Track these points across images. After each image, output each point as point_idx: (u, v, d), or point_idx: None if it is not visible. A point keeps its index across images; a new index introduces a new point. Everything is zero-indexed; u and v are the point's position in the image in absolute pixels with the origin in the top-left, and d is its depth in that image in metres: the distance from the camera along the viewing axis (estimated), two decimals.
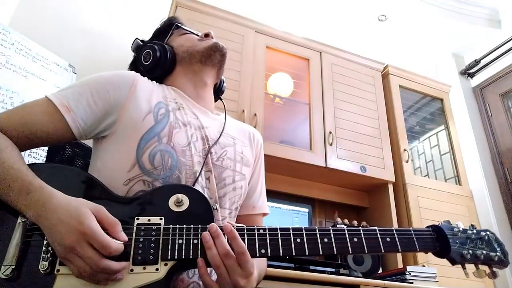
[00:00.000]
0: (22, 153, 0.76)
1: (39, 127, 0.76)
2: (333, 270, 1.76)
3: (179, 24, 1.04)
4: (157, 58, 0.95)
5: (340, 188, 2.43)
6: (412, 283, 1.78)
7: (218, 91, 1.09)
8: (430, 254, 0.79)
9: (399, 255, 2.10)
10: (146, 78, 0.91)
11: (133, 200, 0.72)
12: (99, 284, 0.61)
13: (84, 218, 0.60)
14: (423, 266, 1.98)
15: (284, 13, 2.89)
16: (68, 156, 0.95)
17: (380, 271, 1.99)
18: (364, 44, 3.08)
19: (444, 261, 0.77)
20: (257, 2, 2.78)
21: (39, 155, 1.69)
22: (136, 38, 1.08)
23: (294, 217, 2.09)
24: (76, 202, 0.64)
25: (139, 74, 0.89)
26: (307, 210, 2.17)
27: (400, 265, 2.05)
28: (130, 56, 1.09)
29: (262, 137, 2.05)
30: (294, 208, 2.13)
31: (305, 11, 2.97)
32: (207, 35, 1.00)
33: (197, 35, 1.02)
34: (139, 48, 1.03)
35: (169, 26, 1.05)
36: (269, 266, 1.73)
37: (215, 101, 1.07)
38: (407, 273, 1.81)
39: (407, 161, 2.38)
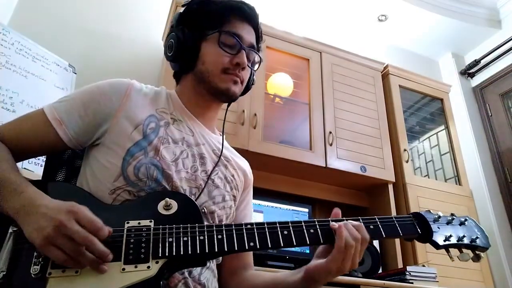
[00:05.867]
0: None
1: (34, 139, 0.79)
2: None
3: (229, 31, 0.88)
4: (176, 57, 0.89)
5: (340, 188, 2.43)
6: (412, 283, 1.78)
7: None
8: (430, 254, 0.80)
9: (399, 255, 2.10)
10: (142, 85, 0.90)
11: (122, 207, 0.74)
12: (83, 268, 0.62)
13: (73, 203, 0.64)
14: (423, 266, 1.98)
15: (284, 13, 2.90)
16: (68, 156, 0.95)
17: (380, 271, 1.98)
18: (364, 44, 3.08)
19: (444, 261, 0.79)
20: (257, 2, 2.77)
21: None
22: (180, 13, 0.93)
23: (294, 217, 2.09)
24: (65, 202, 0.66)
25: (134, 82, 0.88)
26: (307, 210, 2.17)
27: (400, 265, 2.05)
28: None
29: (262, 137, 2.08)
30: (294, 208, 2.13)
31: (305, 11, 2.97)
32: (237, 65, 0.87)
33: (232, 54, 0.87)
34: (175, 26, 0.91)
35: (217, 23, 0.89)
36: (269, 266, 1.74)
37: (228, 105, 0.99)
38: (407, 273, 1.81)
39: (407, 161, 2.39)
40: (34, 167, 1.66)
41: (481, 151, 2.76)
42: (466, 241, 0.81)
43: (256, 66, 0.97)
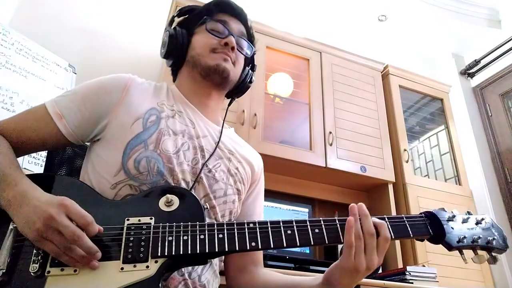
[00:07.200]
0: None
1: (35, 133, 0.79)
2: None
3: (215, 18, 0.94)
4: (169, 52, 0.94)
5: (340, 188, 2.43)
6: (412, 283, 1.78)
7: (237, 89, 1.01)
8: (430, 254, 0.79)
9: (399, 255, 2.10)
10: (143, 80, 0.91)
11: (123, 203, 0.73)
12: (76, 266, 0.62)
13: (64, 198, 0.65)
14: (423, 266, 1.98)
15: (284, 13, 2.90)
16: (69, 156, 0.96)
17: (380, 271, 1.98)
18: (364, 44, 3.08)
19: (444, 261, 0.77)
20: (257, 2, 2.78)
21: (39, 154, 1.69)
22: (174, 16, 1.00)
23: (294, 217, 2.09)
24: (57, 196, 0.67)
25: (135, 77, 0.89)
26: (307, 210, 2.17)
27: (400, 265, 2.05)
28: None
29: (262, 137, 2.08)
30: (294, 208, 2.13)
31: (305, 11, 2.97)
32: (226, 45, 0.90)
33: (220, 37, 0.91)
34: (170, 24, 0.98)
35: (203, 13, 0.95)
36: (269, 266, 1.74)
37: (230, 102, 1.02)
38: (407, 273, 1.81)
39: (407, 161, 2.38)
40: (34, 167, 1.66)
41: (481, 151, 2.76)
42: (481, 242, 0.75)
43: (249, 53, 0.99)
